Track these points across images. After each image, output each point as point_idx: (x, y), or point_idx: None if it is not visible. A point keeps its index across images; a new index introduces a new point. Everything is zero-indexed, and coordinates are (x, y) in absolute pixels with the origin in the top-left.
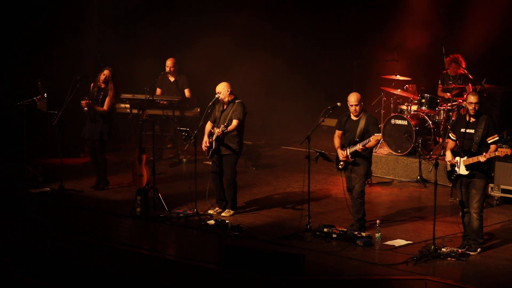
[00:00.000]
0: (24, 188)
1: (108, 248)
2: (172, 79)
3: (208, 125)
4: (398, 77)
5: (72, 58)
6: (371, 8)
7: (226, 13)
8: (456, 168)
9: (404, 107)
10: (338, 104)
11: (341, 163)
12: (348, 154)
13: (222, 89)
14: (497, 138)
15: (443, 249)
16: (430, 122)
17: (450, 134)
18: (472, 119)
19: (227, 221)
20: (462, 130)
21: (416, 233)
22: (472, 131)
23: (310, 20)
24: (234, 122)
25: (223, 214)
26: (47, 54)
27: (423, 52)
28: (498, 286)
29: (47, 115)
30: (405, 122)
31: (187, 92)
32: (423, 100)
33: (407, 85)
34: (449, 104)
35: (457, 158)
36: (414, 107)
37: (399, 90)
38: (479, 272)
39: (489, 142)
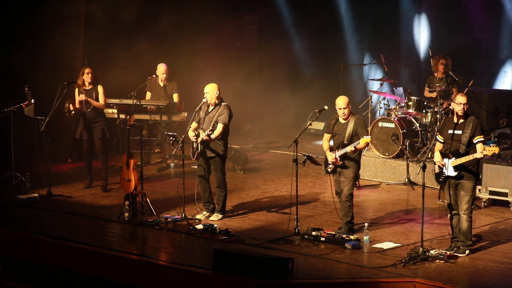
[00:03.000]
0: (12, 194)
1: (97, 253)
2: (161, 84)
3: (193, 125)
4: (385, 80)
5: (59, 64)
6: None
7: (212, 18)
8: (444, 170)
9: (391, 110)
10: (326, 107)
11: (330, 166)
12: (337, 157)
13: (211, 90)
14: (482, 138)
15: (431, 252)
16: (418, 125)
17: (437, 136)
18: (461, 120)
19: (215, 225)
20: (450, 131)
21: (405, 236)
22: (459, 132)
23: (297, 24)
24: (219, 127)
25: (211, 218)
26: (34, 59)
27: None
28: None
29: (35, 121)
30: (393, 125)
31: (176, 97)
32: (410, 103)
33: (394, 88)
34: (436, 108)
35: (445, 160)
36: (402, 110)
37: (387, 92)
38: (467, 274)
39: (474, 141)
